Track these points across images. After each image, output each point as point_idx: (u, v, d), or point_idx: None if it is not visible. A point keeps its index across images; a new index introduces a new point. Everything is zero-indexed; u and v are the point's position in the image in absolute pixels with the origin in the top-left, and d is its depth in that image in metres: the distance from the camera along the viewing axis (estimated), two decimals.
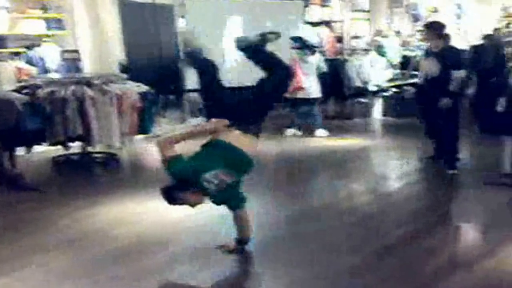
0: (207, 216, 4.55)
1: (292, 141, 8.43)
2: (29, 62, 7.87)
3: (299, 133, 8.79)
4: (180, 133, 4.05)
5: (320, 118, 8.90)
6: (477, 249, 4.25)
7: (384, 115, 10.42)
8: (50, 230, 4.71)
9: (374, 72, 10.70)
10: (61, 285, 3.67)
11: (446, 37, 6.64)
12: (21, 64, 7.73)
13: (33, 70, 7.72)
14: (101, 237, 4.51)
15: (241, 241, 3.99)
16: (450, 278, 3.63)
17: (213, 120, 3.96)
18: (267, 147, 7.82)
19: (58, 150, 6.83)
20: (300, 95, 8.63)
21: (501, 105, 5.73)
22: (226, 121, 3.90)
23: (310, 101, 8.83)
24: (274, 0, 11.07)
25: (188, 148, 3.95)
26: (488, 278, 3.64)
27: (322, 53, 11.48)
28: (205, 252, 4.10)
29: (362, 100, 10.86)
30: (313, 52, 8.94)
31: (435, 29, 6.42)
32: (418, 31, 13.51)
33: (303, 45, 8.80)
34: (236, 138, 3.90)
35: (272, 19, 9.99)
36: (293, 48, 8.69)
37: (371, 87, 10.60)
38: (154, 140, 4.15)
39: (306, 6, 11.33)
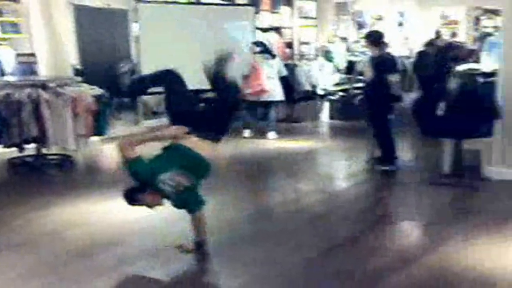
0: (161, 218, 4.65)
1: (244, 143, 8.65)
2: None
3: (251, 134, 9.08)
4: (142, 136, 4.24)
5: (274, 121, 9.21)
6: (420, 246, 4.44)
7: (331, 118, 10.80)
8: (3, 230, 4.78)
9: (322, 77, 11.11)
10: (13, 285, 3.74)
11: (383, 45, 7.09)
12: None
13: None
14: (55, 238, 4.59)
15: (199, 243, 4.11)
16: (395, 274, 3.81)
17: (173, 127, 4.17)
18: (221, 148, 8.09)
19: (13, 152, 6.89)
20: (263, 98, 8.93)
21: (441, 109, 6.13)
22: (186, 129, 4.07)
23: (271, 104, 9.13)
24: (226, 6, 11.35)
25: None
26: (431, 274, 3.83)
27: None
28: (158, 252, 4.25)
29: (311, 103, 11.23)
30: (273, 56, 9.25)
31: (373, 38, 6.95)
32: (362, 37, 14.01)
33: (264, 50, 9.12)
34: (195, 143, 4.07)
35: (223, 25, 10.24)
36: (255, 52, 8.98)
37: (319, 91, 11.01)
38: (115, 142, 4.30)
39: (257, 12, 11.63)
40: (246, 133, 9.10)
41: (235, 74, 4.70)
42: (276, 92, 9.03)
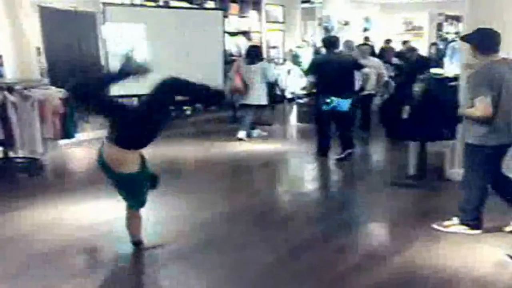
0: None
1: (215, 145, 8.71)
2: None
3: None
4: None
5: (247, 123, 9.28)
6: (386, 247, 4.54)
7: (299, 121, 10.91)
8: None
9: (290, 81, 11.24)
10: None
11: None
12: None
13: None
14: (22, 242, 4.59)
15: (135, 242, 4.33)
16: (363, 275, 3.92)
17: None
18: (191, 150, 8.12)
19: None
20: (244, 101, 9.16)
21: (405, 113, 6.30)
22: None
23: (248, 106, 9.26)
24: (194, 9, 11.38)
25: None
26: (397, 274, 3.93)
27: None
28: (128, 255, 4.29)
29: (279, 106, 11.34)
30: (257, 61, 9.24)
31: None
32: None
33: (250, 54, 9.29)
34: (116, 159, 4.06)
35: (192, 28, 10.26)
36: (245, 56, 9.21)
37: (288, 95, 11.13)
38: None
39: (225, 16, 11.69)
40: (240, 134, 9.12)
41: None
42: (254, 96, 9.06)
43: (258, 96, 9.07)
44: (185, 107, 11.34)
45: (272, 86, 9.95)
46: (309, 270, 4.03)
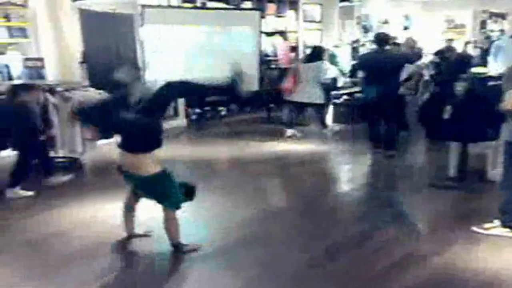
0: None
1: (251, 145, 8.72)
2: None
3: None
4: None
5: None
6: (426, 248, 4.44)
7: (335, 121, 10.81)
8: (11, 232, 4.87)
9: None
10: (24, 284, 3.83)
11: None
12: None
13: None
14: (62, 239, 4.68)
15: (175, 245, 4.32)
16: (401, 276, 3.87)
17: None
18: (227, 150, 8.15)
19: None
20: (293, 98, 9.31)
21: (447, 113, 6.19)
22: None
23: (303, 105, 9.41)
24: (231, 10, 11.41)
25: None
26: (436, 276, 3.89)
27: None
28: (164, 253, 4.33)
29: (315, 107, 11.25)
30: (315, 60, 9.29)
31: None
32: (368, 41, 14.05)
33: (311, 53, 9.45)
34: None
35: (228, 29, 10.31)
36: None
37: None
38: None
39: (262, 17, 11.69)
40: (289, 132, 9.26)
41: None
42: (305, 94, 9.14)
43: (310, 94, 9.11)
44: (220, 108, 11.41)
45: (328, 86, 10.00)
46: (347, 269, 4.01)
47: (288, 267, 4.06)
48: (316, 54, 9.37)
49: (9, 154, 7.01)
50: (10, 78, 7.99)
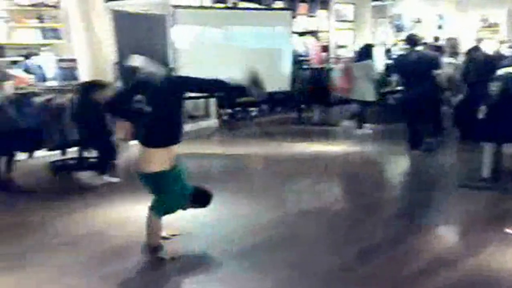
0: (196, 222, 4.84)
1: (282, 146, 8.71)
2: (27, 70, 8.11)
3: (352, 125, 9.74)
4: None
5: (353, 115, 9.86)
6: (457, 250, 4.40)
7: (367, 121, 10.71)
8: (45, 231, 4.93)
9: None
10: (59, 282, 3.87)
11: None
12: (19, 72, 7.97)
13: (31, 78, 7.97)
14: (96, 238, 4.72)
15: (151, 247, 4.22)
16: (432, 278, 3.79)
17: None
18: (257, 150, 8.15)
19: (56, 155, 7.09)
20: (347, 96, 9.77)
21: (482, 113, 6.08)
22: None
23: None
24: (263, 10, 11.41)
25: None
26: (469, 278, 3.80)
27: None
28: (192, 252, 4.36)
29: (347, 107, 11.19)
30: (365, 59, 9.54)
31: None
32: (401, 40, 13.89)
33: (362, 52, 9.71)
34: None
35: (260, 29, 10.30)
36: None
37: None
38: None
39: (294, 16, 11.67)
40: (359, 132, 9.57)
41: None
42: (358, 92, 9.31)
43: (363, 92, 9.14)
44: (251, 108, 11.43)
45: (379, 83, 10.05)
46: (378, 272, 3.96)
47: (318, 269, 4.02)
48: (366, 52, 9.42)
49: (44, 155, 7.17)
50: (44, 79, 8.14)
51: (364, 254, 4.27)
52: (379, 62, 12.63)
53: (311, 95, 11.01)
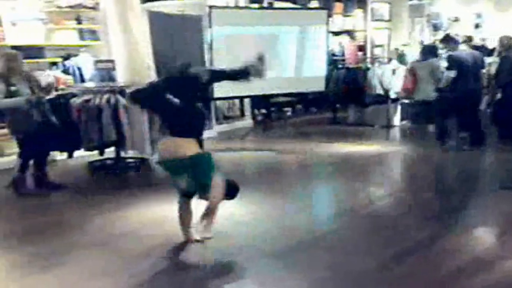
0: (232, 220, 4.89)
1: (317, 146, 8.67)
2: (66, 71, 8.23)
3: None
4: None
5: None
6: (495, 252, 4.32)
7: (403, 121, 10.60)
8: (83, 230, 4.99)
9: (395, 80, 10.90)
10: (95, 281, 3.91)
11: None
12: (58, 73, 8.10)
13: (70, 79, 8.09)
14: (132, 237, 4.76)
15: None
16: (469, 279, 3.75)
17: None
18: (292, 150, 8.11)
19: (94, 155, 7.18)
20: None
21: None
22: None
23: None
24: (298, 10, 11.36)
25: None
26: (507, 280, 3.76)
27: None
28: (228, 251, 4.36)
29: (383, 107, 11.08)
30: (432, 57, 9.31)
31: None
32: (437, 40, 13.68)
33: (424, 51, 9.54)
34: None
35: (295, 28, 10.25)
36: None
37: (392, 95, 10.80)
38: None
39: (330, 16, 11.59)
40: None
41: None
42: (422, 92, 9.14)
43: (427, 92, 9.05)
44: (285, 108, 11.40)
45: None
46: (414, 272, 3.92)
47: (354, 269, 3.99)
48: (429, 52, 9.31)
49: (83, 155, 7.26)
50: (83, 80, 8.25)
51: (400, 254, 4.23)
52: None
53: (346, 95, 10.92)
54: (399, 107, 10.91)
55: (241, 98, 10.46)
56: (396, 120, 10.80)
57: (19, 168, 6.23)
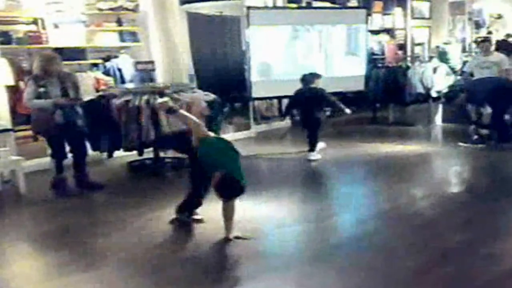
0: (276, 224, 4.90)
1: (356, 146, 8.59)
2: (107, 73, 8.35)
3: None
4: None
5: None
6: None
7: (445, 121, 10.41)
8: (124, 230, 5.01)
9: (437, 79, 10.72)
10: (133, 282, 3.92)
11: None
12: (99, 74, 8.23)
13: (110, 80, 8.20)
14: (169, 238, 4.78)
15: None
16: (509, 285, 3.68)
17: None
18: (331, 150, 8.04)
19: (133, 155, 7.24)
20: None
21: None
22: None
23: None
24: (337, 9, 11.28)
25: None
26: None
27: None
28: (269, 251, 4.37)
29: (424, 106, 10.91)
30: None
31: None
32: (478, 38, 13.41)
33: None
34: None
35: (335, 28, 10.18)
36: None
37: (434, 94, 10.62)
38: None
39: (369, 14, 11.46)
40: None
41: None
42: None
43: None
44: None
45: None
46: (457, 276, 3.82)
47: (394, 272, 3.92)
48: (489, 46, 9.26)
49: (122, 155, 7.35)
50: (123, 81, 8.35)
51: (442, 258, 4.13)
52: (456, 60, 12.27)
53: (386, 94, 10.77)
54: (440, 106, 10.74)
55: (280, 98, 10.43)
56: (438, 119, 10.62)
57: (54, 169, 6.34)
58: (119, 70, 8.40)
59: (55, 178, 6.33)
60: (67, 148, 6.30)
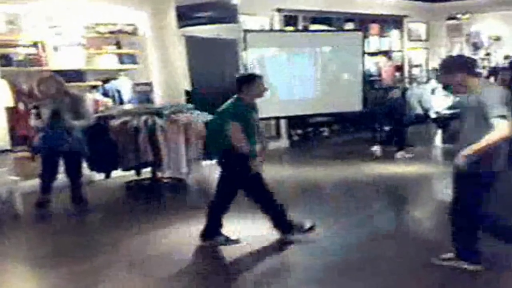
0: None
1: (356, 167, 8.58)
2: (105, 94, 8.43)
3: None
4: None
5: None
6: None
7: (445, 142, 10.42)
8: (121, 250, 5.03)
9: (435, 100, 10.76)
10: None
11: None
12: (98, 96, 8.30)
13: (109, 101, 8.28)
14: (166, 258, 4.78)
15: None
16: None
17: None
18: (331, 171, 8.06)
19: (131, 175, 7.30)
20: None
21: None
22: None
23: None
24: (334, 32, 11.39)
25: None
26: None
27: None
28: (271, 272, 4.39)
29: (423, 127, 10.94)
30: None
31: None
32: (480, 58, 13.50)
33: None
34: None
35: (331, 50, 10.28)
36: None
37: (432, 115, 10.65)
38: None
39: (366, 37, 11.57)
40: None
41: None
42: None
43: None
44: (322, 128, 11.36)
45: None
46: None
47: None
48: None
49: (120, 175, 7.38)
50: (121, 102, 8.42)
51: (448, 282, 4.07)
52: None
53: (384, 115, 10.81)
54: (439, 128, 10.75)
55: (277, 119, 10.49)
56: (437, 140, 10.64)
57: (40, 189, 6.42)
58: (118, 91, 8.47)
59: (38, 199, 6.38)
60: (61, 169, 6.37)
